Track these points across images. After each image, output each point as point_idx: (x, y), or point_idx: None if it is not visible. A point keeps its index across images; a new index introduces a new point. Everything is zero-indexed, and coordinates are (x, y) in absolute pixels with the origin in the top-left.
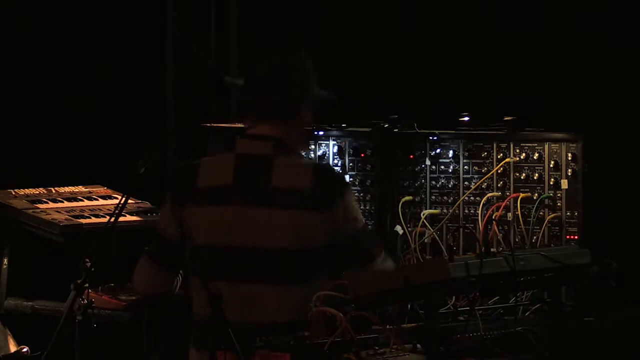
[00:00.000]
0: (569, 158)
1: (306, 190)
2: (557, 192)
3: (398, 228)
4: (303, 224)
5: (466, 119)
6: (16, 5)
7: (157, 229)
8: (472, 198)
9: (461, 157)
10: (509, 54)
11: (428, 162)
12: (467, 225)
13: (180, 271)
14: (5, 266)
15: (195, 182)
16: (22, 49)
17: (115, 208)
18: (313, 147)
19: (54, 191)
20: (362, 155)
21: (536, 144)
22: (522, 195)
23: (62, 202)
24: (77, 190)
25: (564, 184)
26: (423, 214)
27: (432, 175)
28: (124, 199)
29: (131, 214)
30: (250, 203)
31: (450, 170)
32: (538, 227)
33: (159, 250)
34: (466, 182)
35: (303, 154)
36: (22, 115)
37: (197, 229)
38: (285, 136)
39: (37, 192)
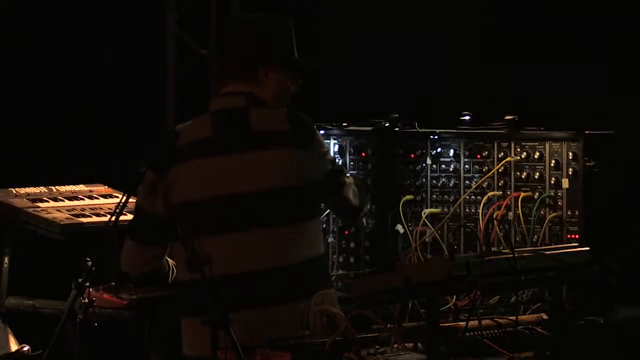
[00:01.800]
0: (570, 157)
1: (285, 131)
2: (558, 191)
3: (399, 227)
4: (288, 162)
5: (467, 117)
6: (18, 2)
7: (139, 209)
8: (473, 197)
9: (462, 156)
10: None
11: (429, 161)
12: (468, 224)
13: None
14: (6, 265)
15: (175, 143)
16: (22, 48)
17: (116, 207)
18: None
19: (54, 190)
20: (363, 154)
21: (537, 143)
22: (523, 194)
23: (63, 201)
24: (77, 189)
25: (565, 183)
26: (424, 213)
27: (433, 174)
28: (124, 197)
29: (132, 213)
30: (234, 150)
31: (451, 169)
32: (539, 226)
33: (144, 229)
34: (467, 181)
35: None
36: (23, 114)
37: (184, 184)
38: (255, 92)
39: (38, 191)
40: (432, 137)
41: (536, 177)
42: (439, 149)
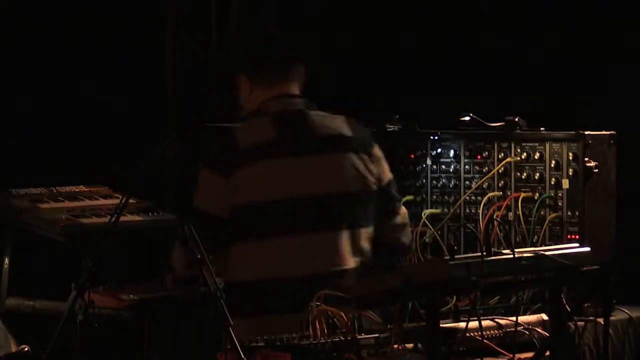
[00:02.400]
0: (570, 158)
1: (347, 136)
2: (558, 191)
3: None
4: (353, 167)
5: (467, 118)
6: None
7: (203, 212)
8: (473, 198)
9: (462, 157)
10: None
11: (429, 162)
12: (468, 224)
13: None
14: (6, 266)
15: (236, 146)
16: (22, 47)
17: (116, 208)
18: None
19: (54, 191)
20: None
21: (537, 144)
22: (523, 194)
23: (63, 201)
24: (78, 189)
25: (565, 183)
26: (424, 214)
27: (433, 175)
28: (124, 198)
29: (132, 213)
30: (298, 152)
31: (451, 170)
32: (539, 227)
33: (206, 232)
34: (467, 182)
35: None
36: (23, 114)
37: (250, 186)
38: (302, 94)
39: (38, 192)
40: (432, 137)
41: (536, 177)
42: (439, 150)
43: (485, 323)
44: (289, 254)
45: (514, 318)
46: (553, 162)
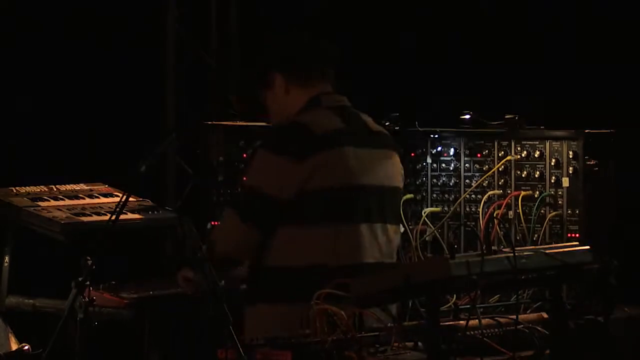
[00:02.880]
0: (570, 156)
1: (388, 135)
2: (558, 190)
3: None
4: (399, 164)
5: (467, 116)
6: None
7: (262, 194)
8: (473, 196)
9: (462, 155)
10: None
11: (429, 160)
12: (468, 223)
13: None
14: (6, 264)
15: (311, 132)
16: (23, 47)
17: (117, 206)
18: None
19: (55, 189)
20: None
21: (537, 142)
22: (523, 193)
23: (63, 200)
24: (78, 188)
25: (565, 182)
26: (424, 212)
27: (433, 173)
28: (125, 197)
29: (132, 212)
30: (366, 144)
31: (451, 168)
32: (539, 225)
33: (262, 213)
34: (467, 180)
35: None
36: (24, 113)
37: (329, 171)
38: None
39: (39, 190)
40: (432, 135)
41: (536, 176)
42: (439, 148)
43: (486, 321)
44: (362, 241)
45: (514, 316)
46: (553, 160)
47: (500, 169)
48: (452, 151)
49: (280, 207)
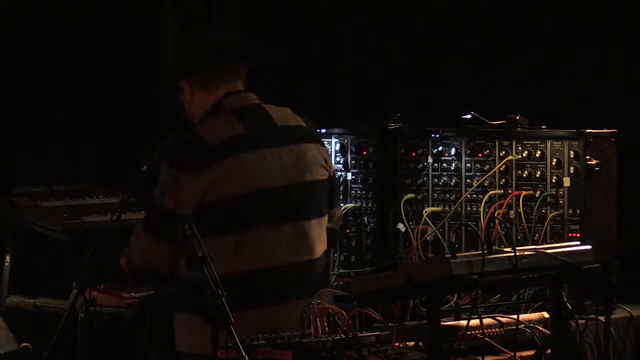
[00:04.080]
0: (571, 156)
1: (305, 128)
2: (559, 189)
3: (400, 226)
4: (319, 156)
5: (468, 116)
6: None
7: (167, 211)
8: (474, 196)
9: (463, 155)
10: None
11: (430, 160)
12: (469, 223)
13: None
14: (7, 264)
15: (205, 143)
16: (23, 47)
17: (118, 206)
18: None
19: (56, 189)
20: (364, 152)
21: (538, 142)
22: (524, 193)
23: (65, 200)
24: (79, 188)
25: (566, 181)
26: (425, 212)
27: (434, 173)
28: (126, 196)
29: (133, 211)
30: (271, 144)
31: (452, 168)
32: (540, 225)
33: (169, 227)
34: (468, 180)
35: None
36: (25, 114)
37: (230, 180)
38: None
39: (40, 190)
40: (433, 135)
41: (537, 175)
42: (440, 148)
43: (487, 321)
44: (268, 245)
45: (515, 316)
46: (554, 160)
47: (501, 169)
48: (453, 151)
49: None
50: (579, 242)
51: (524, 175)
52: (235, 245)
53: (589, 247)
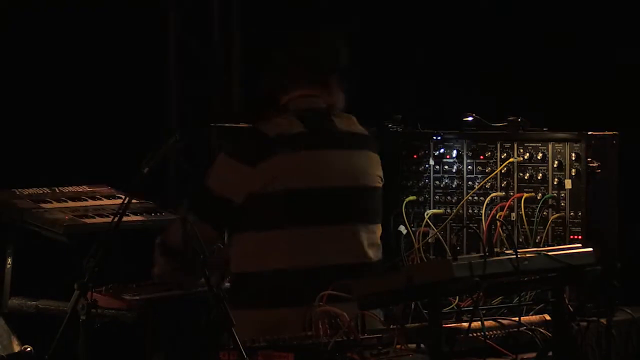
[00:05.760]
0: (573, 158)
1: (365, 135)
2: (561, 192)
3: (402, 228)
4: (375, 164)
5: (470, 118)
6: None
7: (215, 194)
8: (475, 198)
9: (465, 157)
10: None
11: (432, 162)
12: (470, 225)
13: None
14: (9, 265)
15: (264, 135)
16: (24, 47)
17: (119, 208)
18: None
19: (57, 191)
20: None
21: (540, 144)
22: (525, 195)
23: (66, 201)
24: (81, 190)
25: (568, 184)
26: (427, 214)
27: (435, 175)
28: (127, 198)
29: (135, 213)
30: (329, 146)
31: (454, 170)
32: (542, 227)
33: (214, 211)
34: (470, 182)
35: None
36: (26, 114)
37: (282, 175)
38: (325, 97)
39: (41, 192)
40: (434, 137)
41: (539, 178)
42: (441, 150)
43: (488, 323)
44: (300, 245)
45: (516, 318)
46: (556, 162)
47: (502, 171)
48: (454, 153)
49: (233, 210)
50: (580, 245)
51: (526, 177)
52: (287, 241)
53: (590, 249)
